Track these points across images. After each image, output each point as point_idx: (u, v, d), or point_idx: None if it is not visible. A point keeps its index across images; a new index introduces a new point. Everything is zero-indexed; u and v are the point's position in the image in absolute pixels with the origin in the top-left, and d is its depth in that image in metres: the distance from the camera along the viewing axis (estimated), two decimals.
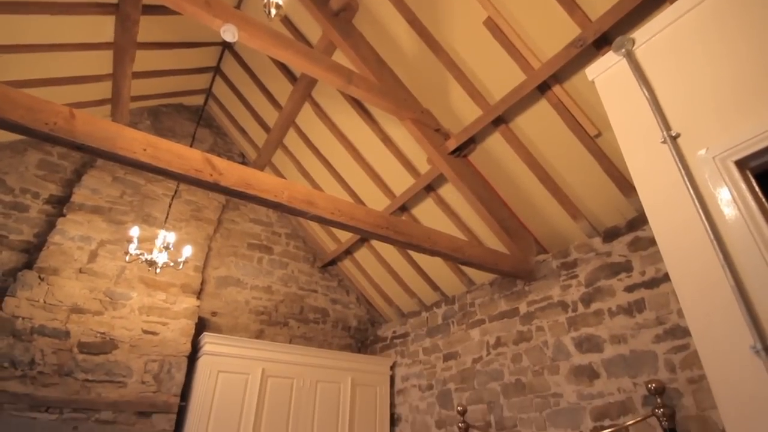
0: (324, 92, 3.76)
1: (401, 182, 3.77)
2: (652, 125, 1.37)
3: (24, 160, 3.87)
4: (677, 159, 1.26)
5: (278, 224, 5.12)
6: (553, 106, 2.63)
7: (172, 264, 3.38)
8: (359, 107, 3.60)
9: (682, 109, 1.32)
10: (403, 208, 3.92)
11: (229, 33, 2.48)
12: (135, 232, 3.24)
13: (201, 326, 4.06)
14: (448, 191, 3.50)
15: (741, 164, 1.17)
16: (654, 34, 1.44)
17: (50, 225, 3.70)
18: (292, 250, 5.08)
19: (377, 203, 4.06)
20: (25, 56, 3.11)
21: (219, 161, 2.24)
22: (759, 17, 1.19)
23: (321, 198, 2.50)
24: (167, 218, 4.14)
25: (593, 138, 2.61)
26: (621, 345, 2.61)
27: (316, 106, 3.90)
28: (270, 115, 4.38)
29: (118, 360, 3.40)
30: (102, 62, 3.56)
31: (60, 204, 3.85)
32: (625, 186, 2.65)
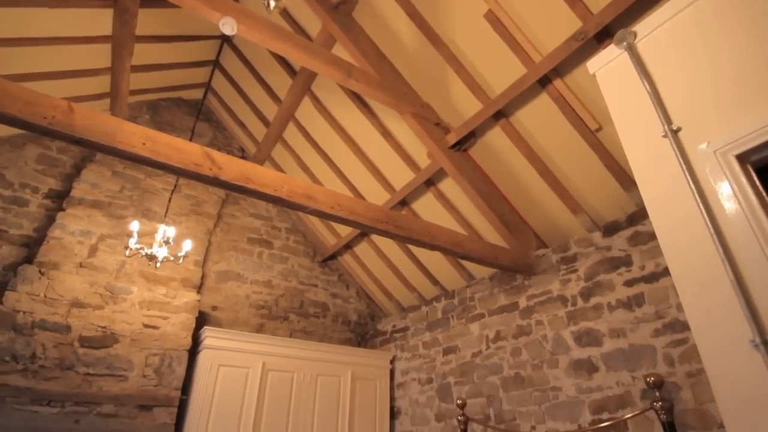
0: (324, 86, 3.74)
1: (401, 176, 3.76)
2: (653, 119, 1.36)
3: (23, 155, 3.86)
4: (678, 153, 1.26)
5: (278, 219, 5.12)
6: (554, 100, 2.61)
7: (172, 258, 3.39)
8: (359, 101, 3.58)
9: (684, 103, 1.31)
10: (403, 203, 3.91)
11: (228, 26, 2.46)
12: (135, 227, 3.24)
13: (201, 320, 4.07)
14: (448, 186, 3.49)
15: (742, 158, 1.17)
16: (656, 27, 1.43)
17: (50, 219, 3.70)
18: (292, 245, 5.08)
19: (377, 198, 4.06)
20: (23, 50, 3.09)
21: (218, 155, 2.23)
22: (759, 11, 1.19)
23: (321, 192, 2.50)
24: (167, 213, 4.14)
25: (594, 132, 2.60)
26: (620, 339, 2.62)
27: (316, 100, 3.89)
28: (269, 109, 4.36)
29: (119, 354, 3.41)
30: (100, 56, 3.54)
31: (59, 198, 3.85)
32: (626, 180, 2.65)
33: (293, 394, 3.84)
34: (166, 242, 3.31)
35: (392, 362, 4.57)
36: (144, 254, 3.23)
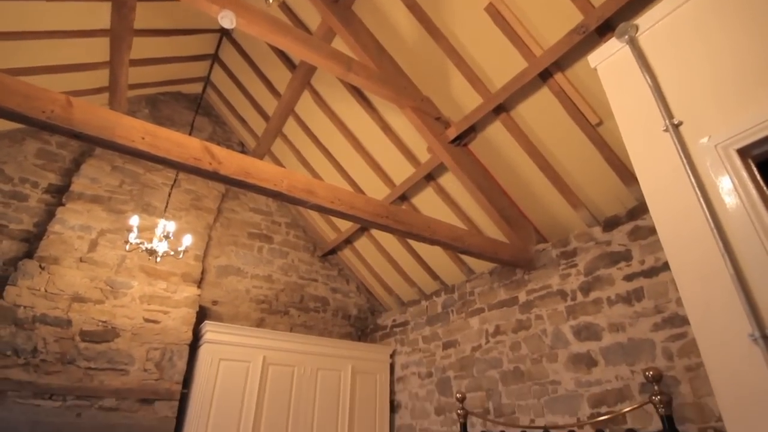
0: (323, 80, 3.73)
1: (401, 171, 3.75)
2: (654, 113, 1.36)
3: (22, 149, 3.85)
4: (679, 147, 1.26)
5: (278, 213, 5.12)
6: (555, 94, 2.60)
7: (173, 253, 3.39)
8: (359, 95, 3.57)
9: (685, 97, 1.30)
10: (403, 198, 3.91)
11: (227, 19, 2.45)
12: (135, 222, 3.24)
13: (202, 315, 4.08)
14: (448, 180, 3.49)
15: (743, 153, 1.16)
16: (657, 21, 1.42)
17: (50, 214, 3.69)
18: (292, 240, 5.08)
19: (377, 192, 4.05)
20: (21, 43, 3.07)
21: (218, 150, 2.22)
22: (761, 5, 1.18)
23: (321, 187, 2.50)
24: (167, 207, 4.14)
25: (594, 126, 2.59)
26: (619, 333, 2.63)
27: (316, 95, 3.87)
28: (269, 104, 4.35)
29: (120, 348, 3.42)
30: (99, 50, 3.52)
31: (59, 193, 3.84)
32: (626, 175, 2.64)
33: (294, 388, 3.85)
34: (166, 237, 3.31)
35: (392, 356, 4.58)
36: (144, 249, 3.24)
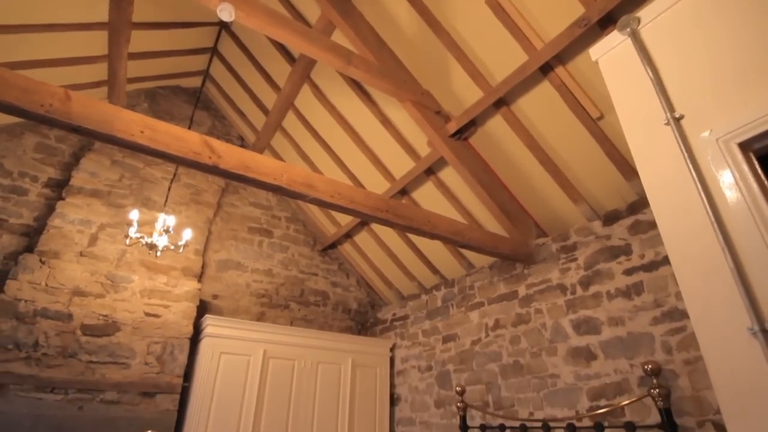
0: (323, 73, 3.71)
1: (401, 165, 3.75)
2: (656, 106, 1.35)
3: (21, 144, 3.84)
4: (680, 141, 1.25)
5: (278, 208, 5.12)
6: (556, 88, 2.59)
7: (173, 247, 3.39)
8: (359, 89, 3.55)
9: (686, 91, 1.30)
10: (403, 192, 3.90)
11: (226, 12, 2.43)
12: (135, 216, 3.24)
13: (202, 309, 4.09)
14: (449, 174, 3.48)
15: (744, 146, 1.16)
16: (660, 13, 1.41)
17: (50, 208, 3.69)
18: (293, 234, 5.09)
19: (377, 186, 4.05)
20: (18, 37, 3.05)
21: (218, 144, 2.22)
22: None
23: (320, 181, 2.49)
24: (166, 202, 4.14)
25: (595, 120, 2.58)
26: (618, 327, 2.64)
27: (315, 88, 3.85)
28: (268, 97, 4.33)
29: (121, 342, 3.44)
30: (97, 43, 3.50)
31: (59, 187, 3.84)
32: (627, 169, 2.64)
33: (294, 382, 3.88)
34: (166, 231, 3.31)
35: (392, 350, 4.60)
36: (144, 243, 3.24)
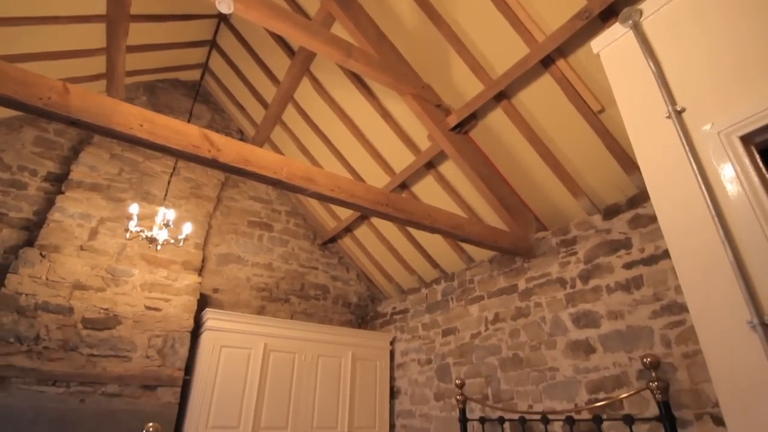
0: (323, 67, 3.69)
1: (401, 159, 3.74)
2: (657, 99, 1.34)
3: (20, 137, 3.83)
4: (681, 134, 1.25)
5: (278, 202, 5.11)
6: (557, 81, 2.57)
7: (173, 241, 3.39)
8: (359, 82, 3.53)
9: (688, 84, 1.29)
10: (403, 186, 3.90)
11: (225, 4, 2.41)
12: (134, 210, 3.24)
13: (203, 303, 4.10)
14: (449, 168, 3.47)
15: (746, 140, 1.15)
16: (662, 5, 1.40)
17: (49, 202, 3.69)
18: (293, 228, 5.09)
19: (377, 180, 4.04)
20: (16, 29, 3.03)
21: (217, 137, 2.21)
22: None
23: (320, 175, 2.49)
24: (166, 195, 4.13)
25: (596, 114, 2.57)
26: (618, 321, 2.65)
27: (315, 81, 3.83)
28: (268, 91, 4.31)
29: (122, 335, 3.45)
30: (95, 36, 3.47)
31: (58, 181, 3.83)
32: (627, 163, 2.63)
33: (295, 375, 3.90)
34: (166, 225, 3.31)
35: (392, 343, 4.62)
36: (144, 237, 3.24)
